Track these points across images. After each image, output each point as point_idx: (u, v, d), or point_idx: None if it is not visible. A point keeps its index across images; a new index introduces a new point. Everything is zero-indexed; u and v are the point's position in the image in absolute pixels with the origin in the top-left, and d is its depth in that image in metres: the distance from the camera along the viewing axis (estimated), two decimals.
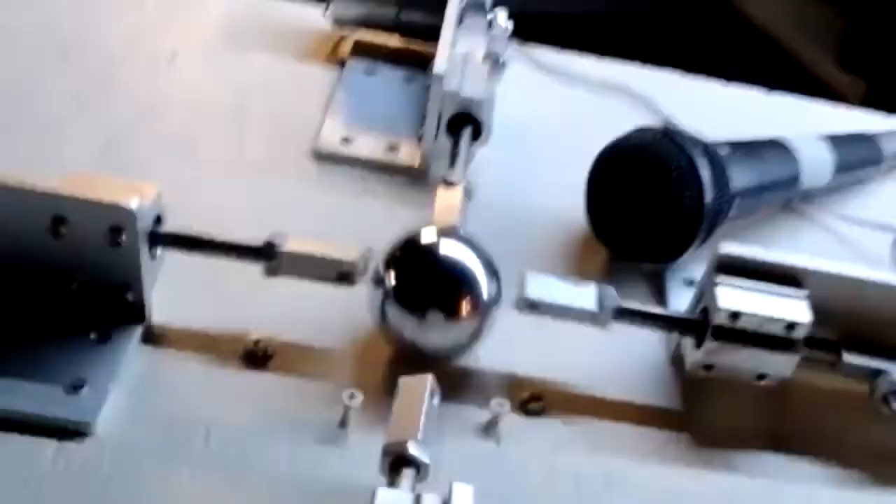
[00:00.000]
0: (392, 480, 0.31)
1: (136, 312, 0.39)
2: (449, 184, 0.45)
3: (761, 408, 0.41)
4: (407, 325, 0.38)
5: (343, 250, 0.40)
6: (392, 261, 0.39)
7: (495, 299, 0.39)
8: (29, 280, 0.38)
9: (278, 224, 0.41)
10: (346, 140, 0.53)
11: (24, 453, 0.34)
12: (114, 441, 0.35)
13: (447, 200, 0.44)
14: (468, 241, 0.40)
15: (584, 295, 0.40)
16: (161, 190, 0.38)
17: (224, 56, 0.60)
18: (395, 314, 0.38)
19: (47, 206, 0.36)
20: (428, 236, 0.39)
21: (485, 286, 0.38)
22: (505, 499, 0.36)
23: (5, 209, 0.37)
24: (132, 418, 0.36)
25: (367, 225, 0.48)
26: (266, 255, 0.39)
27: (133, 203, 0.36)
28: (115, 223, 0.36)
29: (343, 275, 0.39)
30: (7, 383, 0.36)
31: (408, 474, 0.31)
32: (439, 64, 0.49)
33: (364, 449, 0.36)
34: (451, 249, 0.39)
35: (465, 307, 0.38)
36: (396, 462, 0.31)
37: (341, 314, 0.42)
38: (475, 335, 0.39)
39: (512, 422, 0.39)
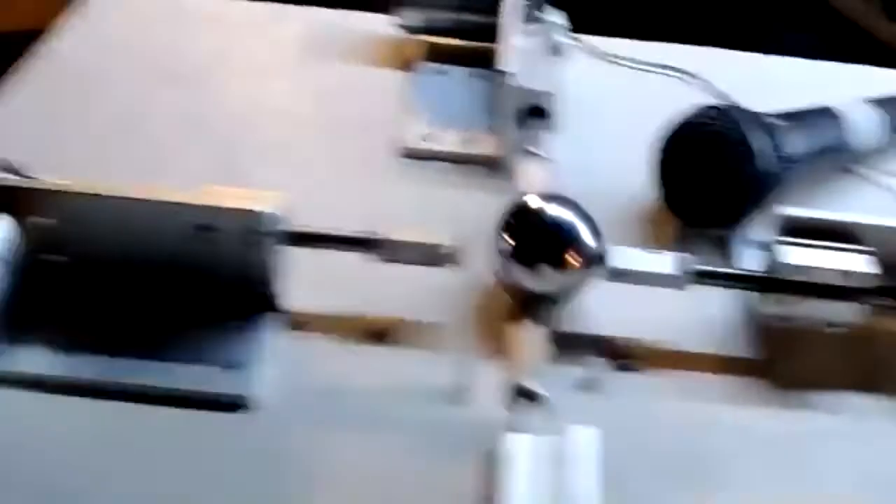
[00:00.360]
0: (514, 411, 0.36)
1: (272, 302, 0.45)
2: (530, 153, 0.50)
3: (834, 352, 0.46)
4: (524, 278, 0.44)
5: (441, 237, 0.45)
6: (507, 224, 0.45)
7: (598, 252, 0.44)
8: (181, 279, 0.44)
9: (374, 216, 0.46)
10: (427, 137, 0.58)
11: (198, 424, 0.40)
12: (270, 410, 0.41)
13: (531, 169, 0.49)
14: (571, 203, 0.45)
15: (662, 261, 0.44)
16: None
17: (306, 67, 0.65)
18: (514, 269, 0.44)
19: (194, 216, 0.42)
20: (535, 200, 0.45)
21: (589, 240, 0.44)
22: (610, 446, 0.41)
23: (156, 220, 0.43)
24: (281, 391, 0.42)
25: (453, 211, 0.54)
26: (375, 245, 0.45)
27: (267, 209, 0.42)
28: (254, 227, 0.42)
29: (444, 257, 0.45)
30: (174, 366, 0.42)
31: (528, 405, 0.36)
32: (507, 62, 0.54)
33: (485, 405, 0.42)
34: (556, 210, 0.45)
35: (572, 259, 0.44)
36: (518, 394, 0.36)
37: (446, 293, 0.47)
38: (581, 282, 0.44)
39: (609, 377, 0.44)
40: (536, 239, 0.44)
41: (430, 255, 0.45)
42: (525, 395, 0.37)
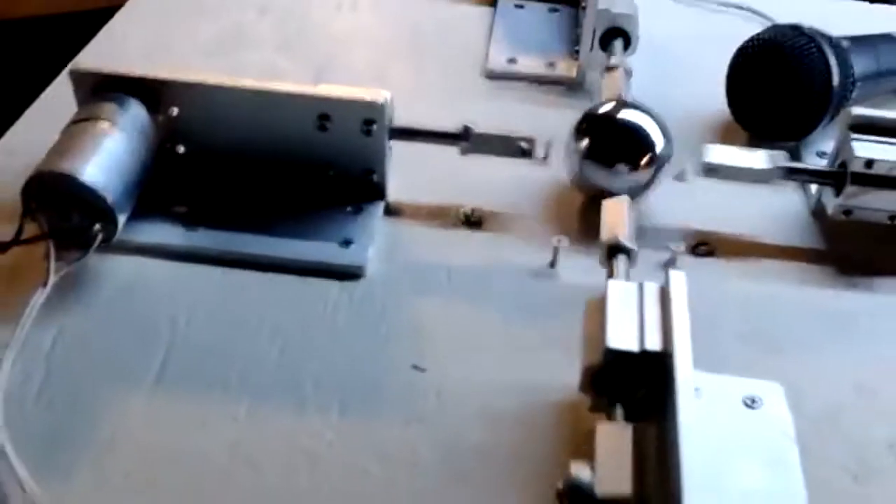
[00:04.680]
0: (610, 266, 0.40)
1: (378, 191, 0.49)
2: (611, 68, 0.54)
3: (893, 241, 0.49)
4: (599, 176, 0.48)
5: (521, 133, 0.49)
6: (582, 128, 0.49)
7: (668, 154, 0.49)
8: (298, 166, 0.49)
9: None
10: (511, 60, 0.62)
11: (318, 290, 0.45)
12: (381, 280, 0.46)
13: (612, 79, 0.53)
14: (643, 108, 0.49)
15: (756, 157, 0.48)
16: None
17: (394, 3, 0.70)
18: (590, 168, 0.48)
19: (316, 106, 0.47)
20: (608, 107, 0.50)
21: (659, 143, 0.48)
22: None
23: (280, 112, 0.47)
24: (389, 265, 0.47)
25: (535, 127, 0.58)
26: (464, 137, 0.49)
27: (382, 99, 0.47)
28: (369, 116, 0.47)
29: (524, 150, 0.49)
30: (297, 242, 0.47)
31: (622, 259, 0.40)
32: None
33: (574, 279, 0.46)
34: (630, 115, 0.49)
35: (644, 160, 0.48)
36: (612, 250, 0.41)
37: (538, 188, 0.52)
38: (651, 181, 0.49)
39: (687, 261, 0.48)
40: (612, 140, 0.49)
41: (510, 147, 0.49)
42: (619, 249, 0.41)
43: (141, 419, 0.39)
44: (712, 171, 0.48)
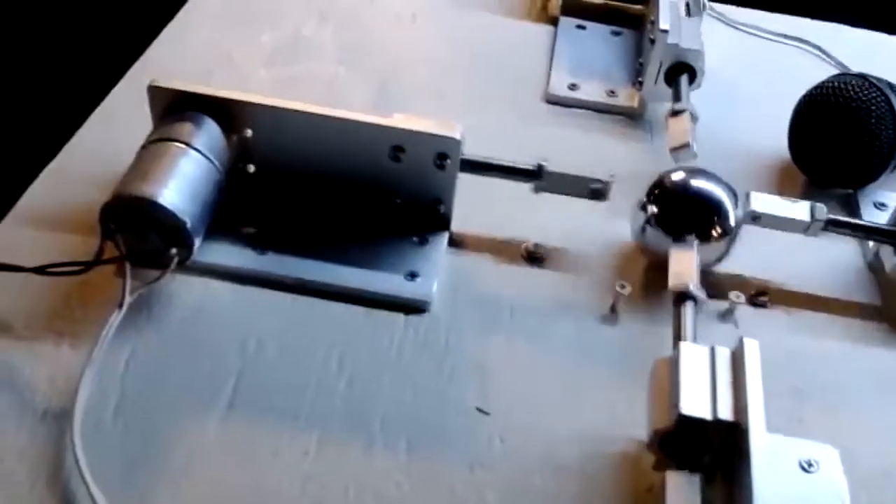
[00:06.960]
0: (677, 313, 0.41)
1: (444, 222, 0.50)
2: (677, 112, 0.54)
3: None
4: (664, 245, 0.48)
5: (594, 173, 0.49)
6: (653, 194, 0.48)
7: (740, 224, 0.48)
8: (367, 194, 0.49)
9: (521, 156, 0.50)
10: (572, 86, 0.63)
11: (384, 322, 0.46)
12: (445, 315, 0.47)
13: (679, 125, 0.53)
14: (715, 177, 0.49)
15: (799, 208, 0.49)
16: None
17: (453, 16, 0.70)
18: (655, 236, 0.48)
19: (391, 137, 0.47)
20: (679, 174, 0.49)
21: (731, 214, 0.48)
22: None
23: (354, 140, 0.48)
24: (453, 300, 0.47)
25: (596, 156, 0.58)
26: (537, 175, 0.49)
27: (458, 134, 0.47)
28: (443, 150, 0.47)
29: (595, 192, 0.49)
30: (364, 272, 0.47)
31: (690, 305, 0.41)
32: (663, 20, 0.58)
33: (634, 326, 0.47)
34: (702, 184, 0.48)
35: (716, 232, 0.48)
36: (680, 297, 0.41)
37: (598, 226, 0.52)
38: (724, 254, 0.49)
39: (745, 311, 0.49)
40: (683, 210, 0.48)
41: (582, 188, 0.49)
42: (687, 297, 0.41)
43: (215, 446, 0.40)
44: (755, 218, 0.49)
